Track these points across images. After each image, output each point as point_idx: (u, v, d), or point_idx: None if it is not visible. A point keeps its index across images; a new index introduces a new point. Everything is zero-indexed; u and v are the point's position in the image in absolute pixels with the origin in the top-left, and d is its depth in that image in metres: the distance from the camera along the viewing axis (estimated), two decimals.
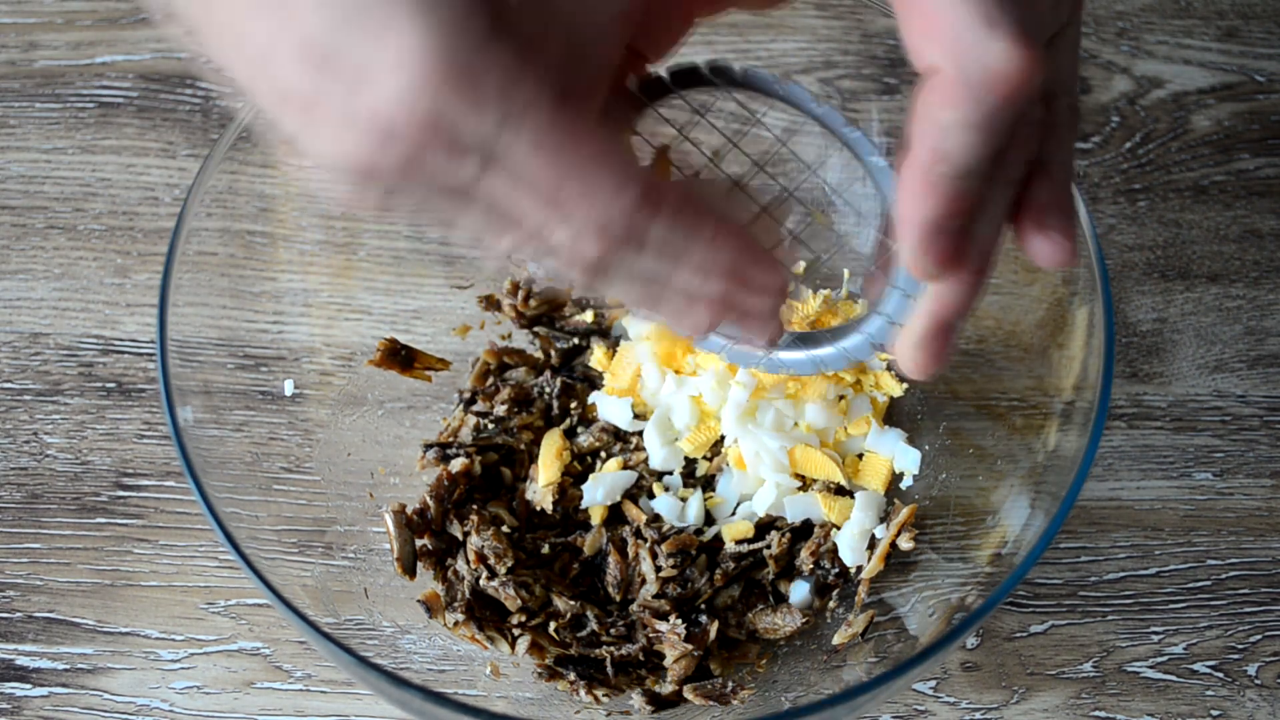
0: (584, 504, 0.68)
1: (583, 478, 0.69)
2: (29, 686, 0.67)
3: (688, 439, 0.68)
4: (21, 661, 0.68)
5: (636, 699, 0.64)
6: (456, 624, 0.65)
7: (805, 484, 0.69)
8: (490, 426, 0.71)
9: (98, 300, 0.78)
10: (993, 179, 0.42)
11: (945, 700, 0.68)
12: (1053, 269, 0.46)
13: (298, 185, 0.72)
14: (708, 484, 0.70)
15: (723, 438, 0.69)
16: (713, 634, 0.65)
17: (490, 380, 0.73)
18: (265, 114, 0.39)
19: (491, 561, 0.66)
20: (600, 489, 0.68)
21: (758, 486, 0.68)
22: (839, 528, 0.68)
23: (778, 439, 0.66)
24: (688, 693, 0.64)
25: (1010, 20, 0.39)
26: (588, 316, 0.74)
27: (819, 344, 0.51)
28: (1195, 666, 0.69)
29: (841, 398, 0.70)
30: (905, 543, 0.66)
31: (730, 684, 0.64)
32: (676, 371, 0.69)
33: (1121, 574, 0.72)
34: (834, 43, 0.83)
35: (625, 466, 0.69)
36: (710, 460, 0.70)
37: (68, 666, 0.68)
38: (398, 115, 0.35)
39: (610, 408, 0.70)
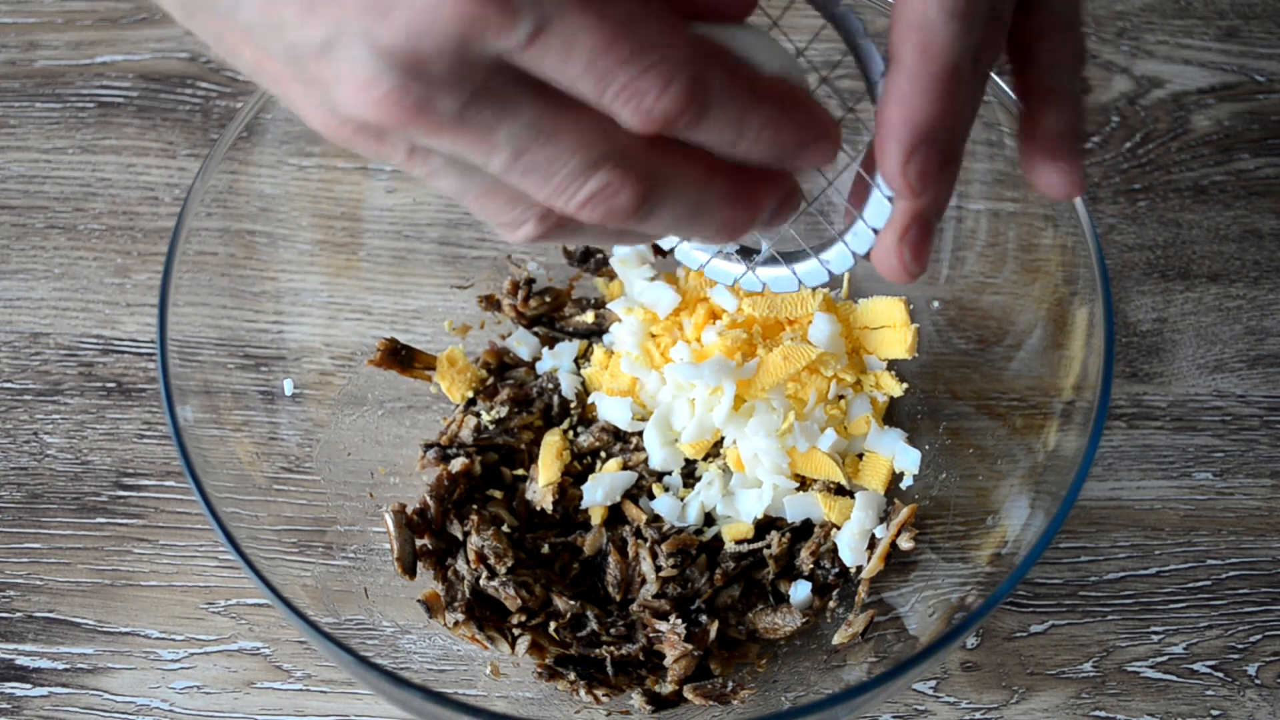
0: (584, 504, 0.68)
1: (583, 478, 0.69)
2: (29, 686, 0.67)
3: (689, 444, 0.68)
4: (21, 661, 0.68)
5: (636, 699, 0.64)
6: (456, 624, 0.65)
7: (805, 484, 0.69)
8: (490, 426, 0.71)
9: (98, 300, 0.78)
10: (971, 79, 0.42)
11: (945, 700, 0.68)
12: (1062, 200, 0.46)
13: (298, 185, 0.72)
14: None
15: (722, 439, 0.69)
16: (713, 634, 0.65)
17: (490, 380, 0.73)
18: (283, 36, 0.37)
19: (491, 561, 0.66)
20: (600, 489, 0.68)
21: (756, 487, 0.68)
22: (839, 528, 0.68)
23: (773, 440, 0.66)
24: (688, 692, 0.64)
25: None
26: (588, 317, 0.74)
27: (797, 259, 0.50)
28: (1195, 666, 0.69)
29: (841, 397, 0.70)
30: (905, 543, 0.66)
31: (730, 684, 0.64)
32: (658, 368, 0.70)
33: (1121, 574, 0.72)
34: (834, 43, 0.83)
35: (625, 466, 0.69)
36: (709, 460, 0.70)
37: (68, 666, 0.68)
38: None
39: (610, 408, 0.70)
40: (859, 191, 0.46)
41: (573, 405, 0.72)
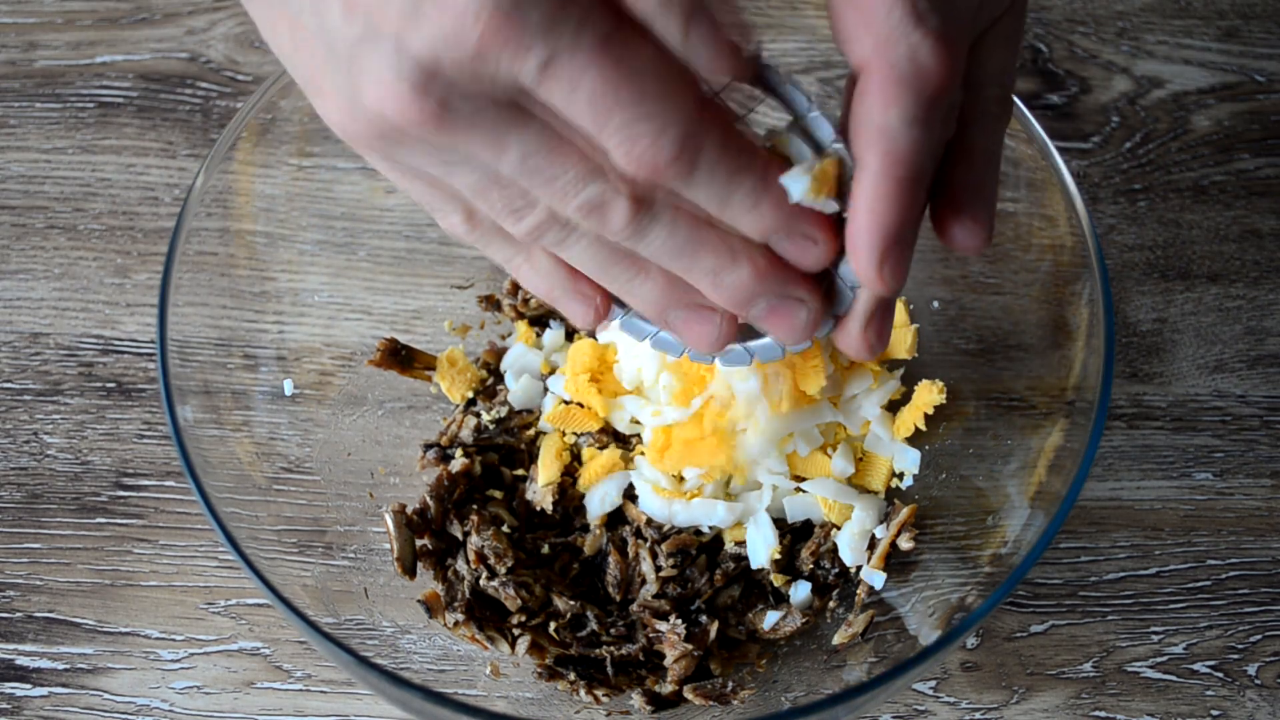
0: (589, 518, 0.68)
1: None
2: (29, 686, 0.67)
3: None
4: (21, 661, 0.68)
5: (636, 699, 0.64)
6: (456, 624, 0.65)
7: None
8: (490, 426, 0.71)
9: (98, 300, 0.78)
10: (931, 174, 0.43)
11: (945, 700, 0.68)
12: (967, 254, 0.47)
13: (298, 185, 0.72)
14: None
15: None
16: (713, 634, 0.65)
17: (490, 380, 0.73)
18: (317, 32, 0.39)
19: (491, 561, 0.66)
20: (600, 495, 0.68)
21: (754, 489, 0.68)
22: (839, 528, 0.68)
23: (772, 447, 0.66)
24: (688, 692, 0.64)
25: (936, 17, 0.40)
26: None
27: (750, 336, 0.50)
28: (1195, 666, 0.69)
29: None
30: (905, 543, 0.66)
31: (730, 684, 0.64)
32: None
33: (1121, 574, 0.72)
34: (834, 43, 0.83)
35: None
36: None
37: (68, 666, 0.68)
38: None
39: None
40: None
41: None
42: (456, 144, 0.39)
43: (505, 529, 0.68)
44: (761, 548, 0.66)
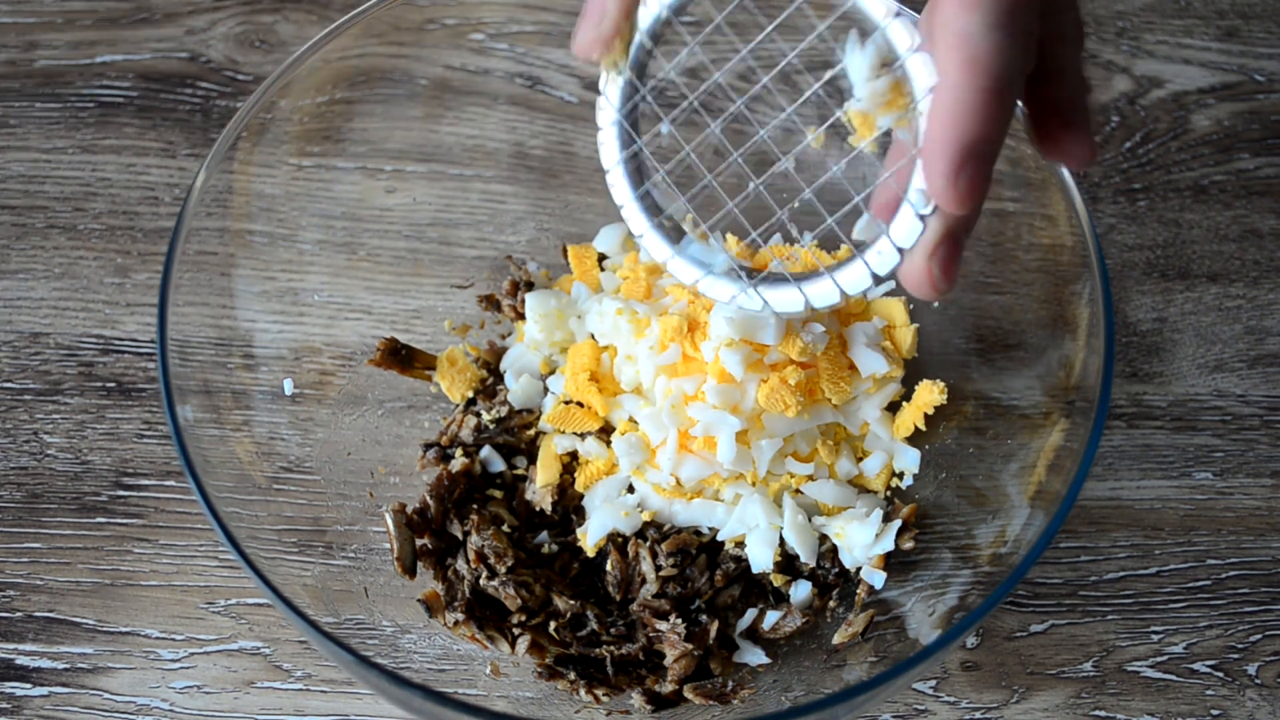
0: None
1: None
2: (29, 686, 0.67)
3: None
4: (21, 661, 0.68)
5: (636, 698, 0.64)
6: (456, 623, 0.65)
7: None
8: (490, 426, 0.71)
9: (98, 300, 0.78)
10: (1014, 93, 0.41)
11: (945, 700, 0.68)
12: (1075, 167, 0.46)
13: (298, 185, 0.72)
14: None
15: None
16: (713, 634, 0.65)
17: (490, 380, 0.73)
18: None
19: (491, 561, 0.66)
20: (601, 496, 0.68)
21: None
22: None
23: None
24: (688, 692, 0.64)
25: None
26: None
27: (806, 279, 0.48)
28: (1195, 666, 0.69)
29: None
30: (905, 543, 0.66)
31: (730, 684, 0.64)
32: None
33: (1121, 574, 0.72)
34: (834, 42, 0.83)
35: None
36: None
37: (68, 666, 0.68)
38: None
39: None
40: (883, 211, 0.46)
41: None
42: None
43: (505, 529, 0.68)
44: (762, 555, 0.66)
